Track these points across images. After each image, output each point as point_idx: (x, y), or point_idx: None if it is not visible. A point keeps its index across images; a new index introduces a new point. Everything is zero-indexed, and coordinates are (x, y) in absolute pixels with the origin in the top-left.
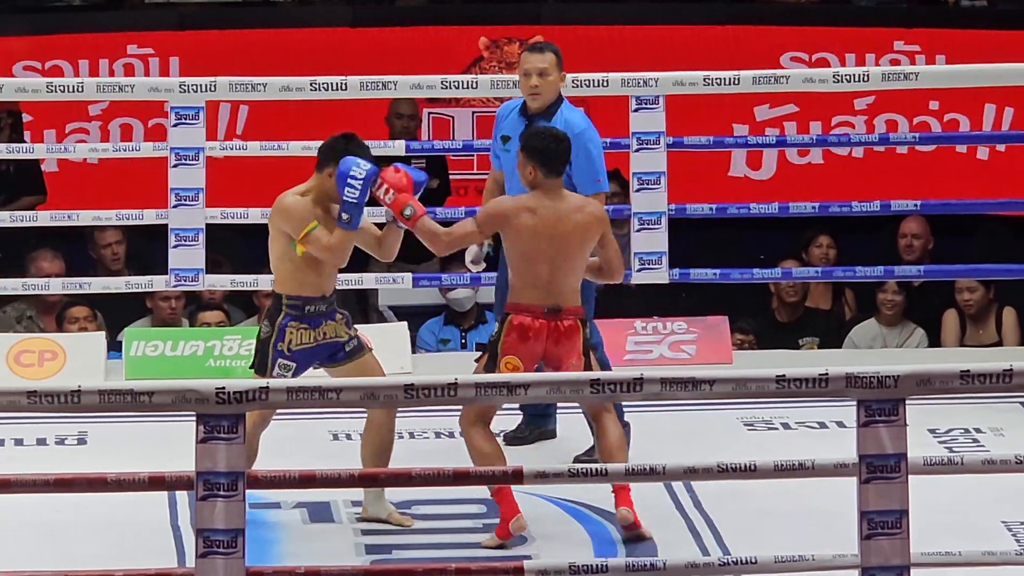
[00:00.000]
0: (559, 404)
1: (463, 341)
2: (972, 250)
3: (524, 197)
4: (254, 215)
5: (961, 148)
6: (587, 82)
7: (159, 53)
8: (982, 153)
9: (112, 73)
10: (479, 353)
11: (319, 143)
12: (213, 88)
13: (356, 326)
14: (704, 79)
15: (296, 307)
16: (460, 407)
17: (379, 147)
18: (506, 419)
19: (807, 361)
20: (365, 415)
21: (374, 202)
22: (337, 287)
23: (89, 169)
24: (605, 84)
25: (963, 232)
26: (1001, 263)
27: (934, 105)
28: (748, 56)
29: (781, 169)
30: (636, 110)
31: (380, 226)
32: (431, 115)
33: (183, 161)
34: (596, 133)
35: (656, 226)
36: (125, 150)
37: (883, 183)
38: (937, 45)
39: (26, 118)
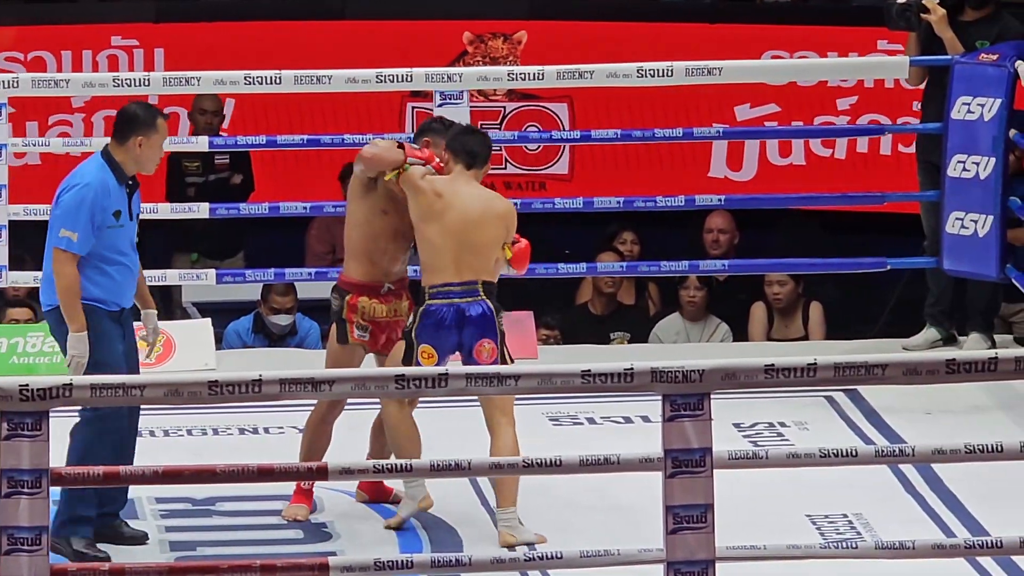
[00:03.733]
0: None
1: None
2: (776, 244)
3: None
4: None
5: None
6: (391, 77)
7: (143, 45)
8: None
9: (96, 65)
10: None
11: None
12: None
13: (162, 323)
14: (508, 74)
15: None
16: (263, 403)
17: (183, 143)
18: None
19: (613, 356)
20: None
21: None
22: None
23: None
24: (409, 79)
25: (766, 225)
26: (806, 257)
27: (917, 106)
28: (732, 53)
29: (762, 169)
30: (440, 105)
31: None
32: (414, 109)
33: None
34: None
35: None
36: None
37: (865, 180)
38: None
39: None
